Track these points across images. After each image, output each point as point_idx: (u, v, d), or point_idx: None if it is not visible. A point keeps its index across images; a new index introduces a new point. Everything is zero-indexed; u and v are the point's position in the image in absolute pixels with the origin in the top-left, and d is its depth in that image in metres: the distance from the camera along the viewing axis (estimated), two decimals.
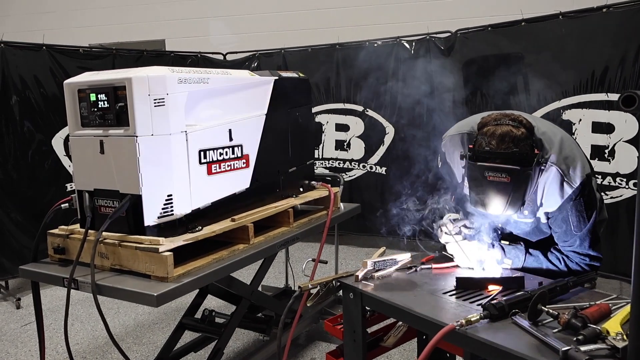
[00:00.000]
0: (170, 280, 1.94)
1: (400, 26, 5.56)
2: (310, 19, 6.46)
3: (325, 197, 2.87)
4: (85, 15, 7.34)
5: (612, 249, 3.77)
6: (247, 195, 2.45)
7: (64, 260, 2.20)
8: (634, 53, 3.68)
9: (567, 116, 4.08)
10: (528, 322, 1.47)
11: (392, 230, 5.22)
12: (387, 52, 5.13)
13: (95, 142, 2.06)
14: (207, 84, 2.19)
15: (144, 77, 1.96)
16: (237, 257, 2.24)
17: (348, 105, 5.44)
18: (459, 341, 1.49)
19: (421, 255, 2.12)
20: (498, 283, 1.79)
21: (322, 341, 3.43)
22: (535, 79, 4.29)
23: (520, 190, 1.79)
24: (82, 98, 2.11)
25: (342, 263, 4.88)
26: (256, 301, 2.69)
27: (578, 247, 1.92)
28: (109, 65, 4.98)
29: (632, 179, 3.77)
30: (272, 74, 2.63)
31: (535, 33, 4.27)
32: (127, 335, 3.68)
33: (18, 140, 4.40)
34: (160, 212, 2.03)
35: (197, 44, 6.29)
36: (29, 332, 3.75)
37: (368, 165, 5.40)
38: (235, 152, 2.36)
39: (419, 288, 1.82)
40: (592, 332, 1.35)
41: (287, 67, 5.49)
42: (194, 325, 2.78)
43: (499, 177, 1.75)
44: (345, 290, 1.88)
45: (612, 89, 3.82)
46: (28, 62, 4.48)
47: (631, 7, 3.73)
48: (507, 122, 1.80)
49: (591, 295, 1.71)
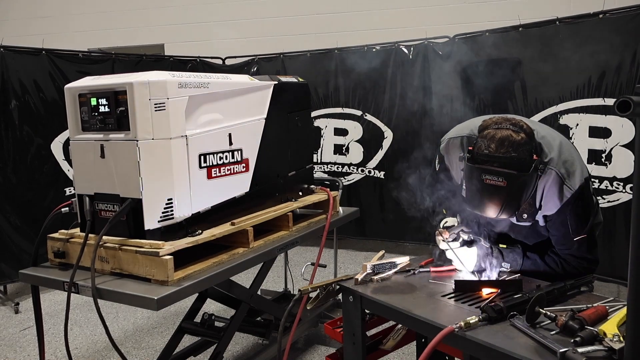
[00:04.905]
0: (170, 284, 1.95)
1: (399, 31, 5.58)
2: (309, 24, 6.48)
3: (324, 201, 2.89)
4: (85, 19, 7.36)
5: (609, 253, 3.79)
6: (246, 199, 2.46)
7: (64, 264, 2.20)
8: (631, 58, 3.71)
9: (565, 121, 4.11)
10: (526, 324, 1.48)
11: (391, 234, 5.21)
12: (386, 57, 5.15)
13: (96, 146, 2.07)
14: (207, 88, 2.21)
15: (144, 81, 1.97)
16: (236, 260, 2.25)
17: (347, 110, 5.46)
18: (457, 343, 1.50)
19: (420, 259, 2.13)
20: (496, 286, 1.80)
21: (321, 345, 3.44)
22: (532, 83, 4.32)
23: (517, 195, 1.80)
24: (82, 102, 2.12)
25: (341, 267, 4.89)
26: (256, 305, 2.70)
27: (576, 250, 1.93)
28: (108, 69, 5.00)
29: (628, 183, 3.79)
30: (271, 78, 2.65)
31: (532, 38, 4.30)
32: (126, 339, 3.68)
33: (17, 144, 4.41)
34: (161, 216, 2.04)
35: (196, 48, 6.30)
36: (28, 337, 3.75)
37: (367, 170, 5.41)
38: (235, 156, 2.37)
39: (418, 291, 1.83)
40: (590, 334, 1.36)
41: (286, 72, 5.51)
42: (194, 329, 2.78)
43: (495, 181, 1.76)
44: (344, 293, 1.89)
45: (608, 94, 3.84)
46: (27, 66, 4.49)
47: (627, 13, 3.76)
48: (508, 126, 1.81)
49: (588, 297, 1.72)
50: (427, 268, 2.02)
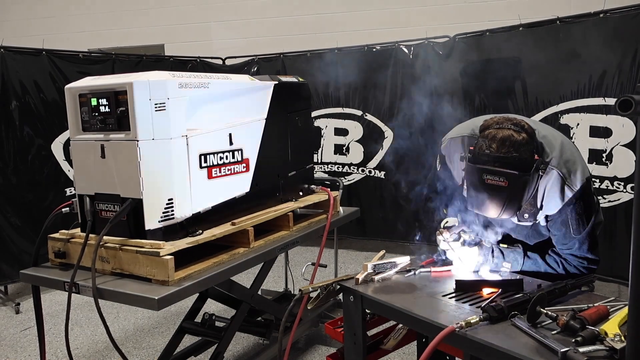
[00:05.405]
0: (171, 284, 1.95)
1: (399, 31, 5.58)
2: (309, 24, 6.48)
3: (325, 201, 2.89)
4: (85, 20, 7.36)
5: (609, 253, 3.79)
6: (247, 199, 2.46)
7: (64, 264, 2.20)
8: (631, 58, 3.71)
9: (565, 120, 4.11)
10: (527, 324, 1.48)
11: (392, 234, 5.21)
12: (386, 57, 5.15)
13: (96, 146, 2.07)
14: (208, 88, 2.21)
15: (145, 81, 1.97)
16: (237, 260, 2.25)
17: (347, 110, 5.45)
18: (458, 343, 1.50)
19: (420, 259, 2.13)
20: (497, 286, 1.80)
21: (321, 345, 3.44)
22: (533, 83, 4.32)
23: (518, 195, 1.80)
24: (83, 103, 2.12)
25: (342, 267, 4.89)
26: (256, 305, 2.70)
27: (577, 250, 1.93)
28: (108, 70, 5.00)
29: (629, 183, 3.79)
30: (271, 78, 2.65)
31: (532, 38, 4.30)
32: (126, 339, 3.68)
33: (18, 145, 4.41)
34: (161, 216, 2.04)
35: (196, 48, 6.31)
36: (29, 337, 3.75)
37: (367, 170, 5.41)
38: (235, 156, 2.37)
39: (419, 291, 1.83)
40: (591, 334, 1.36)
41: (286, 72, 5.51)
42: (194, 329, 2.78)
43: (496, 181, 1.77)
44: (345, 293, 1.89)
45: (609, 93, 3.84)
46: (28, 67, 4.49)
47: (628, 13, 3.76)
48: (509, 126, 1.81)
49: (589, 297, 1.72)
50: (428, 268, 2.02)
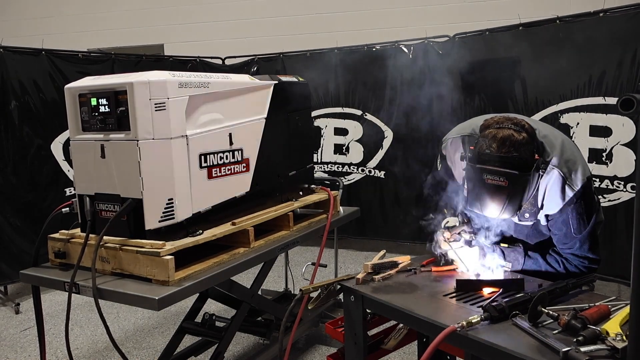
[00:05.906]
0: (171, 284, 1.95)
1: (399, 30, 5.57)
2: (309, 23, 6.47)
3: (325, 201, 2.89)
4: (84, 19, 7.35)
5: (610, 252, 3.79)
6: (247, 199, 2.45)
7: (64, 264, 2.20)
8: (631, 57, 3.71)
9: (565, 120, 4.10)
10: (528, 323, 1.48)
11: (392, 233, 5.21)
12: (386, 57, 5.14)
13: (96, 146, 2.07)
14: (208, 88, 2.20)
15: (145, 81, 1.97)
16: (237, 260, 2.25)
17: (347, 110, 5.45)
18: (459, 343, 1.50)
19: (421, 258, 2.13)
20: (498, 285, 1.80)
21: (321, 344, 3.44)
22: (532, 82, 4.32)
23: (518, 195, 1.80)
24: (83, 102, 2.12)
25: (342, 267, 4.89)
26: (256, 305, 2.70)
27: (577, 249, 1.93)
28: (108, 70, 5.00)
29: (629, 182, 3.79)
30: (271, 78, 2.65)
31: (532, 37, 4.30)
32: (127, 339, 3.68)
33: (17, 145, 4.40)
34: (161, 216, 2.04)
35: (195, 48, 6.30)
36: (29, 337, 3.75)
37: (367, 169, 5.41)
38: (235, 156, 2.37)
39: (420, 290, 1.83)
40: (592, 333, 1.36)
41: (286, 72, 5.50)
42: (194, 329, 2.78)
43: (497, 181, 1.76)
44: (346, 292, 1.89)
45: (609, 92, 3.84)
46: (27, 66, 4.49)
47: (627, 12, 3.76)
48: (510, 125, 1.81)
49: (590, 297, 1.72)
50: (429, 267, 2.02)
